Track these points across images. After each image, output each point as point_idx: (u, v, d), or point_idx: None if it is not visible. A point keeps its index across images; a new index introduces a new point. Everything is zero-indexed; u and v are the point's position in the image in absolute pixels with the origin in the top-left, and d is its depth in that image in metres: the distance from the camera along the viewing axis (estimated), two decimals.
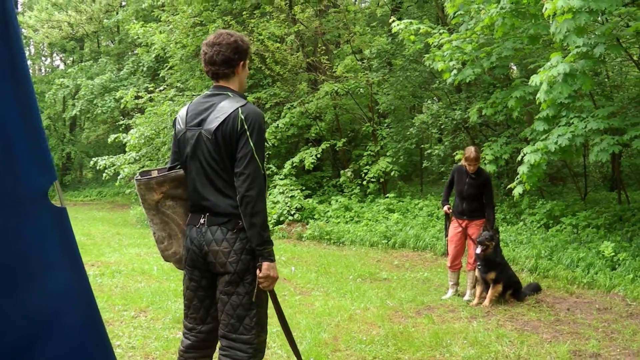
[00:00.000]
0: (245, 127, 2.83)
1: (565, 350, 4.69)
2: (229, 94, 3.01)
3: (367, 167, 13.88)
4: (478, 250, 6.30)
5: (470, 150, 6.60)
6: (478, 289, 6.50)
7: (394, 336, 5.15)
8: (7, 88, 2.36)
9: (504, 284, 6.37)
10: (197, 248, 2.99)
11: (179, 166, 3.12)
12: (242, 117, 2.84)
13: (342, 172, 14.39)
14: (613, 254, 7.57)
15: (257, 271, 2.89)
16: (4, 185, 2.47)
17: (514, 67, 12.80)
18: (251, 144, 2.83)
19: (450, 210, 6.80)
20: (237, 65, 3.05)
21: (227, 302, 2.95)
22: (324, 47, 14.57)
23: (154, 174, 3.10)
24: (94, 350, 3.04)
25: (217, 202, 2.94)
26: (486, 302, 6.32)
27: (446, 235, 6.99)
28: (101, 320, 3.07)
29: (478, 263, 6.38)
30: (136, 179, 3.09)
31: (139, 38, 16.43)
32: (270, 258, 2.89)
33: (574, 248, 8.15)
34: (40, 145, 2.57)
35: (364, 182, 13.70)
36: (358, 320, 5.76)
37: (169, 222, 3.16)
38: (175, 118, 3.18)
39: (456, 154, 10.48)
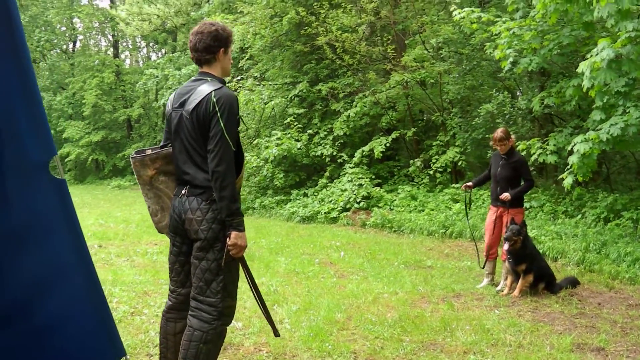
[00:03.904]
0: (217, 108, 3.12)
1: (568, 342, 4.60)
2: (208, 79, 3.31)
3: (437, 157, 13.81)
4: (506, 247, 6.23)
5: (497, 131, 6.61)
6: (509, 279, 6.44)
7: (405, 319, 5.25)
8: (10, 69, 2.75)
9: (535, 275, 6.27)
10: (177, 216, 3.33)
11: (170, 144, 3.46)
12: (214, 99, 3.14)
13: (411, 161, 14.40)
14: None
15: (227, 239, 3.17)
16: (9, 156, 2.88)
17: None
18: (221, 124, 3.11)
19: (469, 186, 6.95)
20: (217, 51, 3.35)
21: (197, 267, 3.26)
22: (389, 37, 14.60)
23: (148, 152, 3.46)
24: (91, 312, 3.45)
25: (195, 176, 3.25)
26: (515, 292, 6.25)
27: (467, 215, 8.03)
28: (99, 285, 3.47)
29: (508, 256, 6.31)
30: (132, 157, 3.46)
31: None
32: (239, 228, 3.16)
33: (626, 242, 7.79)
34: (40, 121, 2.95)
35: (432, 172, 13.66)
36: (380, 303, 5.90)
37: (161, 196, 3.51)
38: (166, 102, 3.55)
39: (518, 144, 10.21)
